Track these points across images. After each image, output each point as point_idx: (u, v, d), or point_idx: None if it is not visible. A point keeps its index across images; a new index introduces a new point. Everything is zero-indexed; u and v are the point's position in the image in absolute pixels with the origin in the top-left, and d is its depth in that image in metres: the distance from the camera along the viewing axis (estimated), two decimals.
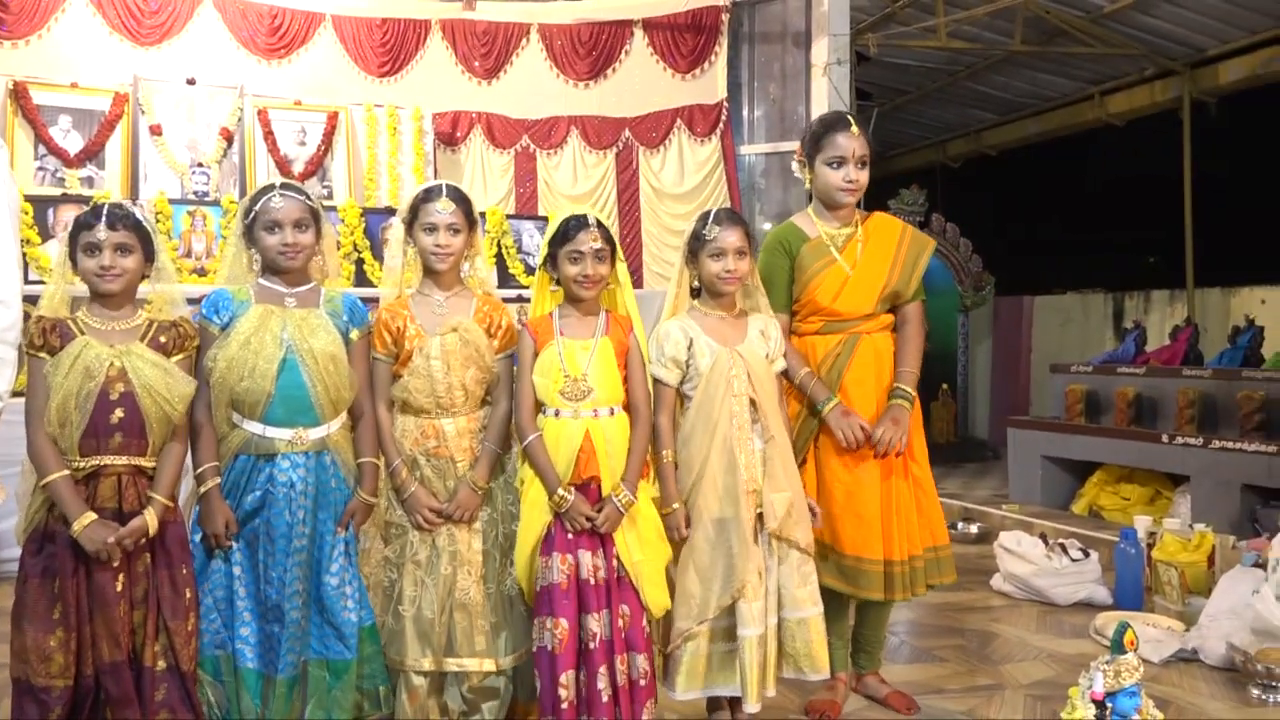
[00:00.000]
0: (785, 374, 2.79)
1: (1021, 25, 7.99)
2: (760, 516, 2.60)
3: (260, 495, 2.39)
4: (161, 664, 2.24)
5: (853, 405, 2.82)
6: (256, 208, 2.46)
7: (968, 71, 9.32)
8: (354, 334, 2.53)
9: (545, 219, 6.54)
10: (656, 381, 2.66)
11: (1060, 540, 4.43)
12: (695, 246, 2.67)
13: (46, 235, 5.27)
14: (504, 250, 6.39)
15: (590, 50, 7.25)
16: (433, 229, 2.58)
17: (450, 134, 6.97)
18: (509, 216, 6.57)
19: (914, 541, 2.86)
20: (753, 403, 2.61)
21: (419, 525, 2.55)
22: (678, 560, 2.61)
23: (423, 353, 2.55)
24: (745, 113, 7.49)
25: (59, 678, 2.16)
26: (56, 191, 5.64)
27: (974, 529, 5.55)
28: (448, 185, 2.64)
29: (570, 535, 2.50)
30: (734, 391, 2.59)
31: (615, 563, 2.53)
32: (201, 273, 5.56)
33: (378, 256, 5.88)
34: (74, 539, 2.17)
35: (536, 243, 6.38)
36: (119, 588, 2.21)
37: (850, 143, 2.82)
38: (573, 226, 2.57)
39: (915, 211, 8.31)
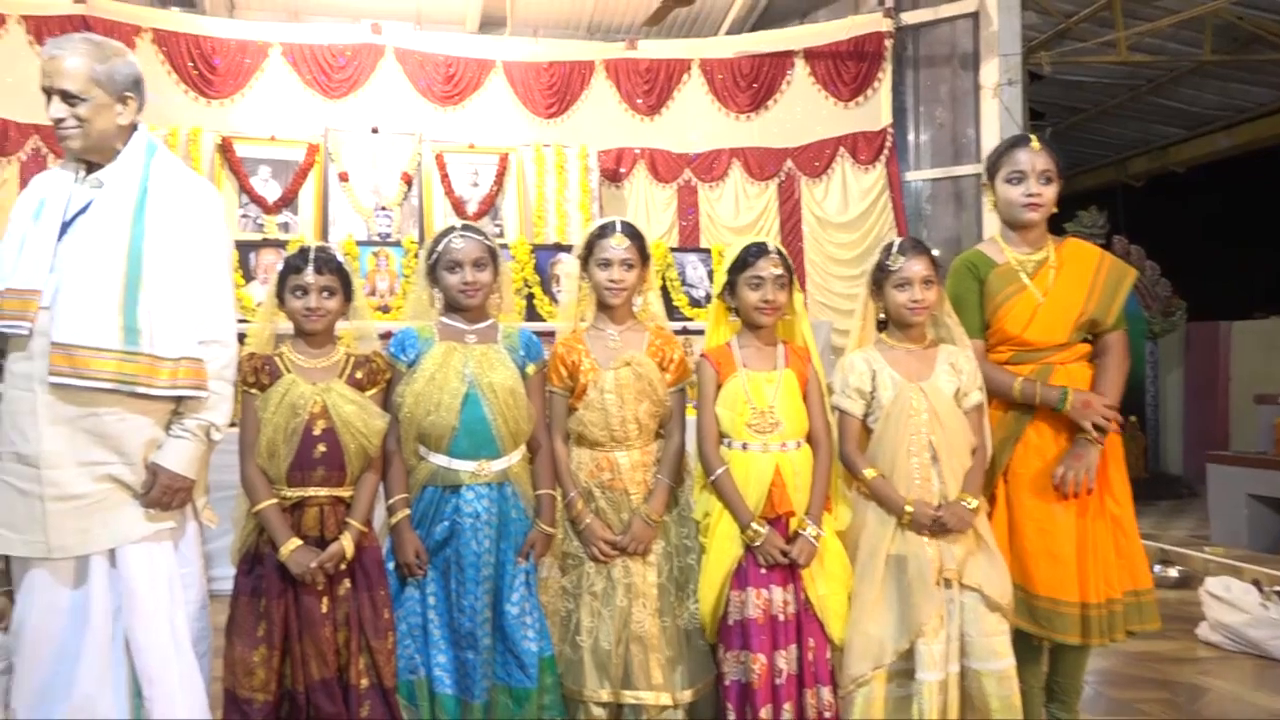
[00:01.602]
0: (992, 395, 2.66)
1: (1211, 34, 7.50)
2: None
3: (448, 525, 2.47)
4: (365, 681, 2.35)
5: (1044, 438, 2.68)
6: (438, 249, 2.56)
7: (1150, 85, 8.82)
8: (530, 368, 2.59)
9: (708, 251, 6.57)
10: (841, 412, 2.62)
11: (1277, 588, 4.05)
12: (880, 278, 2.62)
13: (249, 277, 5.70)
14: (668, 283, 6.44)
15: (751, 83, 7.28)
16: (607, 264, 2.62)
17: (614, 170, 7.13)
18: (672, 249, 6.63)
19: (1112, 584, 2.68)
20: (933, 443, 2.52)
21: (594, 557, 2.57)
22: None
23: (597, 386, 2.58)
24: (911, 138, 7.33)
25: (260, 691, 2.30)
26: (257, 237, 6.11)
27: (1174, 573, 5.13)
28: (622, 222, 2.68)
29: (763, 570, 2.49)
30: (914, 428, 2.52)
31: (803, 596, 2.50)
32: (385, 310, 5.85)
33: (547, 291, 6.05)
34: (280, 562, 2.31)
35: (700, 275, 6.40)
36: (324, 609, 2.34)
37: (1031, 157, 2.70)
38: (753, 253, 2.59)
39: (1095, 234, 7.88)
